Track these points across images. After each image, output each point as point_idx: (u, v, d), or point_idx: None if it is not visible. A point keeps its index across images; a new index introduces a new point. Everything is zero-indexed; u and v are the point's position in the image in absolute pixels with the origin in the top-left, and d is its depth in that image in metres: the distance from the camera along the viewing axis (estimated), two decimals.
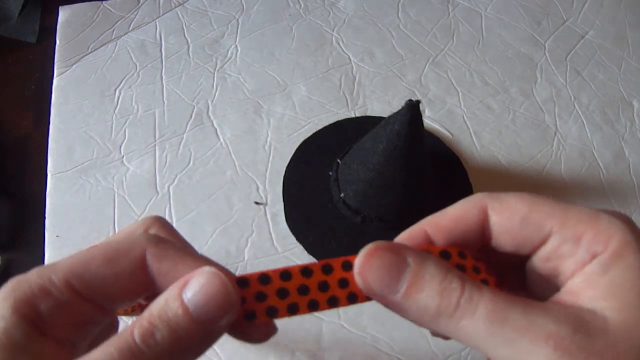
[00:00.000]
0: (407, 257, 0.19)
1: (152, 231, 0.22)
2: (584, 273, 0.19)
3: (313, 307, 0.20)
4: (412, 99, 0.44)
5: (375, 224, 0.50)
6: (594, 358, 0.16)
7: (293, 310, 0.20)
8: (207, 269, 0.19)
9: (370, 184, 0.47)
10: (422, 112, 0.58)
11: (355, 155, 0.50)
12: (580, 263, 0.19)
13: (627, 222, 0.19)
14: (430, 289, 0.19)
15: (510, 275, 0.23)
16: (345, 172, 0.51)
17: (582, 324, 0.17)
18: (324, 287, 0.20)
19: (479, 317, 0.18)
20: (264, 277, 0.20)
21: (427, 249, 0.20)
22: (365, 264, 0.19)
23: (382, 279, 0.19)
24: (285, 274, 0.20)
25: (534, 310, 0.18)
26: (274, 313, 0.20)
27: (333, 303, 0.20)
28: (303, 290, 0.20)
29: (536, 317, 0.17)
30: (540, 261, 0.20)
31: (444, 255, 0.20)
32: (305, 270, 0.20)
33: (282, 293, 0.20)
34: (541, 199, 0.20)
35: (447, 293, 0.18)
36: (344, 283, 0.20)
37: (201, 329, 0.18)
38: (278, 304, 0.20)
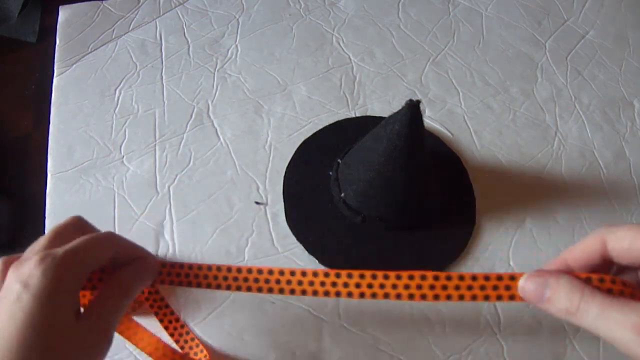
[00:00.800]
0: (549, 278, 0.30)
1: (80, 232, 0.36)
2: None
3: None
4: (413, 98, 0.43)
5: (376, 224, 0.50)
6: None
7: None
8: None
9: (370, 184, 0.47)
10: (422, 112, 0.58)
11: (355, 155, 0.50)
12: None
13: None
14: (561, 297, 0.29)
15: None
16: (345, 172, 0.51)
17: None
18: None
19: (591, 315, 0.28)
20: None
21: (589, 276, 0.30)
22: (524, 284, 0.31)
23: (535, 292, 0.31)
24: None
25: (626, 309, 0.27)
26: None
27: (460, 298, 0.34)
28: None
29: (628, 313, 0.26)
30: None
31: (601, 280, 0.30)
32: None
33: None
34: None
35: (572, 299, 0.29)
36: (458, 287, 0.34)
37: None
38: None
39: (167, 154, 0.55)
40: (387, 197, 0.48)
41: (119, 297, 0.35)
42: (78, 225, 0.37)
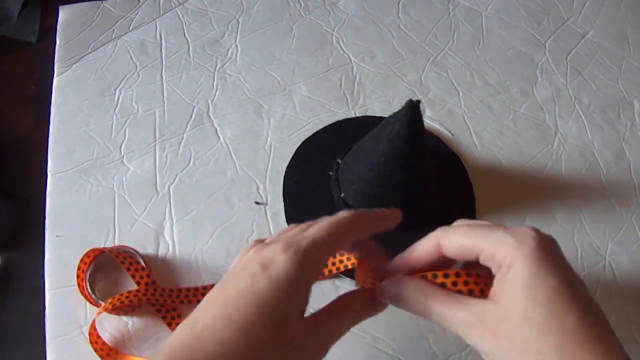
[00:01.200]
0: (400, 283, 0.33)
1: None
2: (497, 277, 0.30)
3: None
4: (413, 98, 0.43)
5: None
6: (487, 328, 0.28)
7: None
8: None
9: (370, 184, 0.47)
10: (422, 112, 0.58)
11: (355, 155, 0.50)
12: (495, 270, 0.30)
13: (521, 239, 0.29)
14: (412, 299, 0.32)
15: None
16: (345, 172, 0.51)
17: (484, 313, 0.29)
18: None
19: (435, 314, 0.31)
20: None
21: (435, 272, 0.32)
22: (383, 286, 0.34)
23: (390, 295, 0.33)
24: None
25: (460, 307, 0.30)
26: None
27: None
28: None
29: (460, 311, 0.30)
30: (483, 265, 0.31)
31: (445, 275, 0.31)
32: None
33: None
34: (473, 230, 0.31)
35: (419, 302, 0.31)
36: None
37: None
38: None
39: (167, 154, 0.55)
40: (387, 197, 0.48)
41: (349, 321, 0.34)
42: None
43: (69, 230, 0.51)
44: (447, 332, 0.47)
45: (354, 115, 0.58)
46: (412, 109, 0.43)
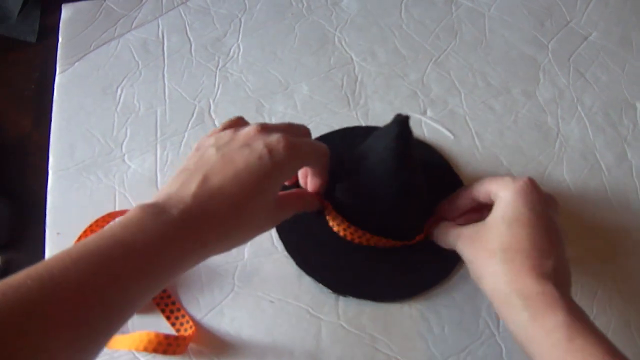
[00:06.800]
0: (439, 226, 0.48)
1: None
2: (494, 206, 0.42)
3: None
4: (402, 113, 0.44)
5: None
6: (474, 239, 0.42)
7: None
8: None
9: (357, 198, 0.47)
10: (424, 112, 0.58)
11: (352, 167, 0.48)
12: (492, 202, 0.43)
13: (516, 182, 0.41)
14: (443, 232, 0.47)
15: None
16: (343, 183, 0.49)
17: (478, 228, 0.42)
18: None
19: (452, 234, 0.45)
20: None
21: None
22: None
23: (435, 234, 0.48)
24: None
25: (469, 226, 0.43)
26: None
27: None
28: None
29: (468, 228, 0.43)
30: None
31: None
32: None
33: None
34: (493, 179, 0.43)
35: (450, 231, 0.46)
36: None
37: None
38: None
39: (168, 152, 0.55)
40: (371, 214, 0.47)
41: (297, 208, 0.45)
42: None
43: (70, 227, 0.51)
44: (446, 333, 0.47)
45: (355, 116, 0.58)
46: (401, 126, 0.43)
